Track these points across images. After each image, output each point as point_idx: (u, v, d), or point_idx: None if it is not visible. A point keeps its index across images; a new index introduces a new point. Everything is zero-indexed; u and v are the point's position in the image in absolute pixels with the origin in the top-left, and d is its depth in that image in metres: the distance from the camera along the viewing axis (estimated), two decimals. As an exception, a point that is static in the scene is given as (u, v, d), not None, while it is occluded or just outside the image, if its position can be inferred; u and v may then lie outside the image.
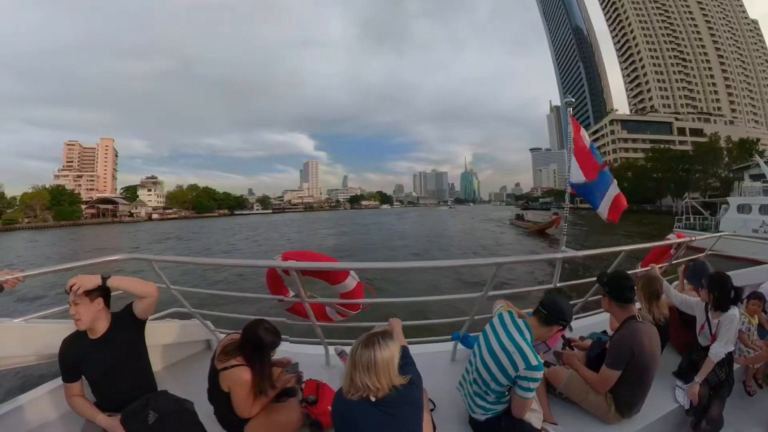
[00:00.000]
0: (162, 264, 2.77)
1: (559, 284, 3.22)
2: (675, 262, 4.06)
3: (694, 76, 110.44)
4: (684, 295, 3.29)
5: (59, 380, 2.34)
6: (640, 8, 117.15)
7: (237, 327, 2.52)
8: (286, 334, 3.30)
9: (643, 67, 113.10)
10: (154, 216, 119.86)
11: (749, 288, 3.63)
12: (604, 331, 3.41)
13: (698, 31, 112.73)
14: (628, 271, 3.32)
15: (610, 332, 3.26)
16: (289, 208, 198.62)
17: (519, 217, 49.14)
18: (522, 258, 3.10)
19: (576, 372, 2.65)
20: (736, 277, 3.18)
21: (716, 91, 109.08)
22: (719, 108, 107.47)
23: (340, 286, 3.14)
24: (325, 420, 2.37)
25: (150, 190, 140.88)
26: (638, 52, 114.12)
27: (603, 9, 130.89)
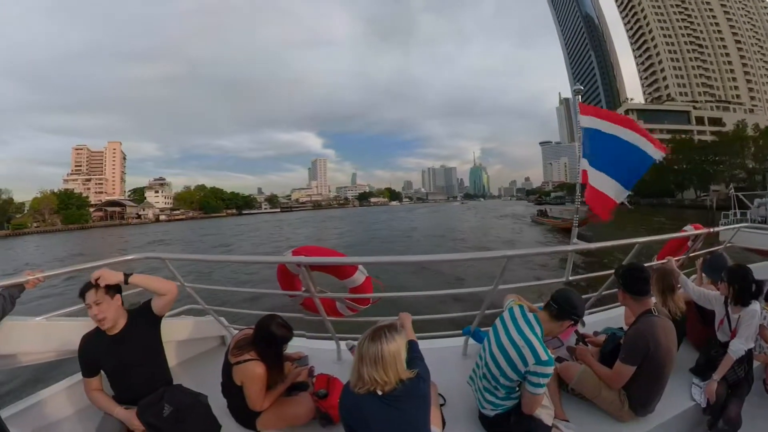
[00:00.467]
0: (175, 262, 2.91)
1: (571, 278, 3.18)
2: (692, 254, 3.94)
3: (711, 63, 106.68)
4: (702, 288, 3.19)
5: (79, 375, 2.44)
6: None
7: (250, 323, 2.60)
8: (299, 330, 3.40)
9: (657, 54, 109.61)
10: (162, 217, 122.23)
11: None
12: (620, 327, 3.29)
13: (714, 16, 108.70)
14: (645, 264, 3.23)
15: (625, 328, 3.13)
16: (297, 207, 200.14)
17: (542, 213, 45.32)
18: (532, 250, 3.09)
19: (589, 368, 2.60)
20: (756, 270, 3.05)
21: (734, 78, 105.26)
22: (738, 96, 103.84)
23: (349, 281, 3.17)
24: (335, 414, 2.42)
25: (157, 192, 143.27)
26: (652, 38, 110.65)
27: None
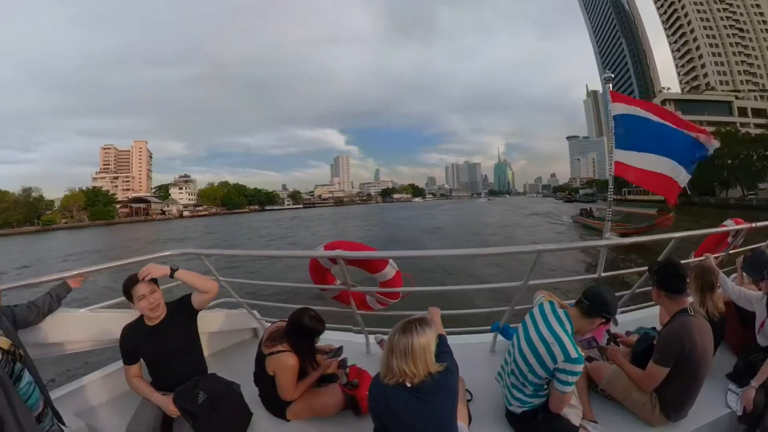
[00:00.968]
0: (210, 257, 3.11)
1: (603, 274, 3.13)
2: (733, 251, 3.76)
3: (754, 48, 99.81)
4: (742, 288, 3.05)
5: (119, 363, 2.68)
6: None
7: (282, 316, 2.73)
8: (329, 322, 3.50)
9: (695, 39, 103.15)
10: (185, 213, 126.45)
11: None
12: (653, 327, 3.17)
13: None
14: (682, 261, 3.12)
15: (659, 328, 2.98)
16: (320, 203, 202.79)
17: (586, 213, 37.36)
18: (564, 245, 3.06)
19: (620, 368, 2.54)
20: None
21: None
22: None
23: (380, 275, 3.26)
24: (364, 405, 2.50)
25: (181, 189, 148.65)
26: (689, 23, 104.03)
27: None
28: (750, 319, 2.90)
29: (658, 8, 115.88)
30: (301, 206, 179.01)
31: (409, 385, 1.73)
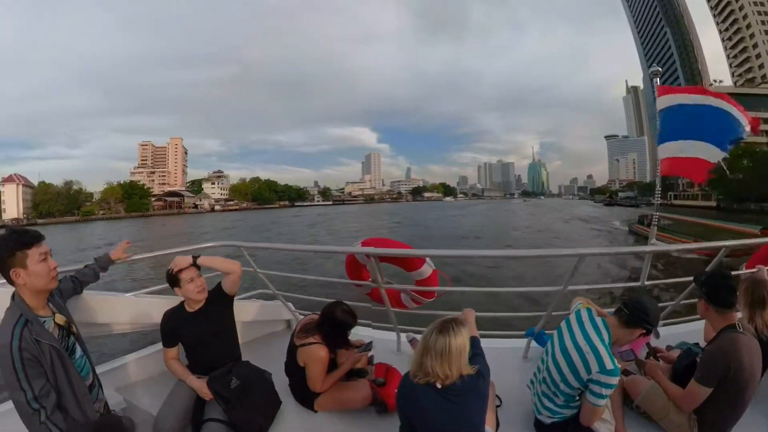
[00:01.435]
0: (250, 250, 3.33)
1: (647, 283, 3.01)
2: None
3: None
4: None
5: (157, 345, 2.93)
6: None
7: (316, 309, 2.84)
8: (361, 318, 3.59)
9: (748, 26, 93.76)
10: (217, 207, 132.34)
11: None
12: (696, 343, 2.95)
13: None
14: (732, 272, 3.00)
15: (704, 344, 2.77)
16: (349, 200, 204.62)
17: (647, 221, 27.21)
18: (607, 250, 2.99)
19: (658, 385, 2.40)
20: None
21: None
22: None
23: (416, 273, 3.31)
24: (391, 402, 2.54)
25: (213, 184, 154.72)
26: (740, 8, 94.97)
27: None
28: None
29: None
30: (330, 203, 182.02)
31: (439, 386, 1.73)
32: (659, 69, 3.87)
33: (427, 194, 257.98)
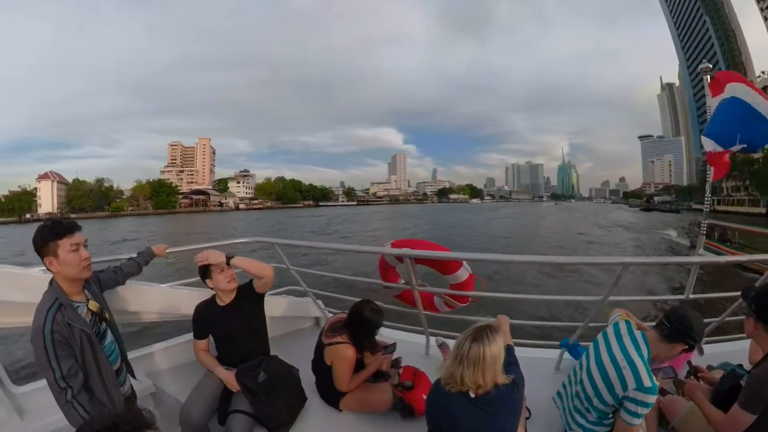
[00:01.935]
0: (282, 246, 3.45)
1: (692, 296, 2.86)
2: None
3: None
4: None
5: (188, 336, 3.05)
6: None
7: (345, 308, 2.87)
8: (390, 320, 3.59)
9: None
10: (241, 206, 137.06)
11: None
12: (740, 365, 2.77)
13: None
14: None
15: (748, 366, 2.59)
16: (374, 201, 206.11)
17: (719, 233, 21.05)
18: (651, 259, 2.85)
19: (698, 407, 2.24)
20: None
21: None
22: None
23: (452, 277, 3.25)
24: (418, 407, 2.54)
25: (239, 183, 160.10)
26: None
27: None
28: None
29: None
30: (354, 203, 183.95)
31: (472, 395, 1.71)
32: (709, 65, 3.65)
33: (453, 196, 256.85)
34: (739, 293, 2.56)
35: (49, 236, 1.85)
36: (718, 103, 3.46)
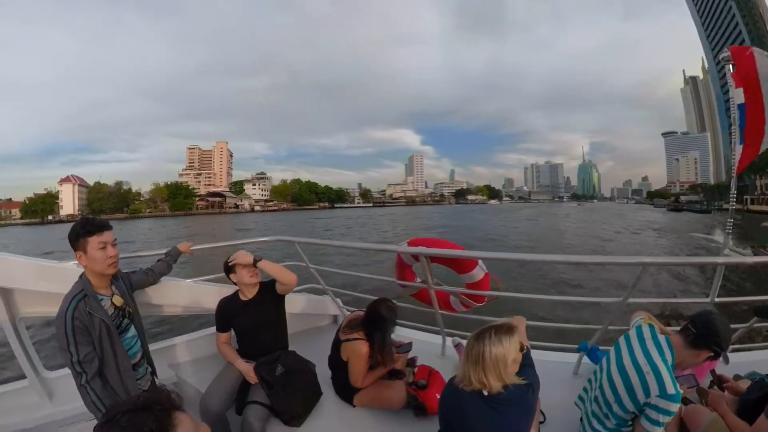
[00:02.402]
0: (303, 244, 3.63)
1: (717, 299, 2.74)
2: None
3: None
4: None
5: (211, 329, 3.21)
6: None
7: (362, 306, 2.95)
8: (406, 320, 3.69)
9: None
10: (256, 208, 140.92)
11: None
12: None
13: None
14: None
15: None
16: (390, 202, 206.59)
17: None
18: (673, 260, 2.77)
19: (722, 418, 2.14)
20: None
21: None
22: None
23: (467, 276, 3.27)
24: (431, 406, 2.59)
25: (254, 185, 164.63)
26: None
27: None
28: None
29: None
30: (370, 205, 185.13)
31: (486, 393, 1.73)
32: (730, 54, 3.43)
33: (471, 197, 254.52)
34: (764, 297, 2.54)
35: (80, 233, 2.03)
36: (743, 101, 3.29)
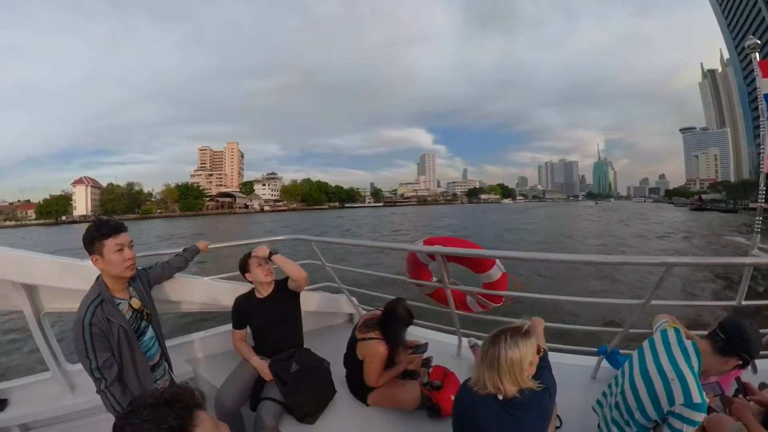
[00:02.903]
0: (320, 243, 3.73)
1: (744, 302, 2.61)
2: None
3: None
4: None
5: (227, 326, 3.32)
6: None
7: (378, 305, 3.00)
8: (422, 319, 3.68)
9: None
10: (266, 208, 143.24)
11: None
12: None
13: None
14: None
15: None
16: (401, 202, 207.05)
17: None
18: (698, 260, 2.67)
19: (746, 428, 2.04)
20: None
21: None
22: None
23: (484, 276, 3.24)
24: (445, 407, 2.59)
25: (264, 185, 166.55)
26: None
27: None
28: None
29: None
30: (381, 204, 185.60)
31: (500, 398, 1.71)
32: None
33: (484, 196, 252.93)
34: None
35: (95, 236, 2.01)
36: None
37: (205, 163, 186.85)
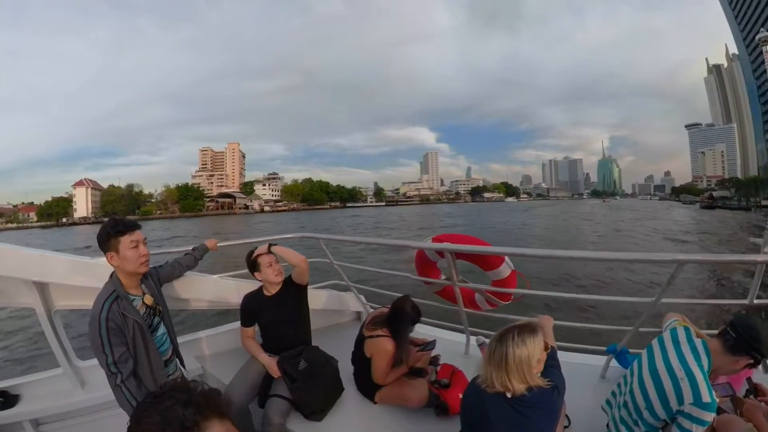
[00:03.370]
0: (327, 241, 3.77)
1: (756, 301, 2.58)
2: None
3: None
4: None
5: (235, 324, 3.34)
6: None
7: (386, 303, 3.04)
8: (430, 317, 3.72)
9: None
10: (266, 208, 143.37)
11: None
12: None
13: None
14: None
15: None
16: (403, 201, 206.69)
17: None
18: (710, 257, 2.65)
19: (757, 430, 2.03)
20: None
21: None
22: None
23: (493, 273, 3.24)
24: (453, 405, 2.61)
25: (265, 185, 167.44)
26: None
27: None
28: None
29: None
30: (383, 204, 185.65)
31: (509, 396, 1.71)
32: None
33: (487, 194, 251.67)
34: None
35: (111, 233, 2.08)
36: None
37: (206, 164, 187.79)
